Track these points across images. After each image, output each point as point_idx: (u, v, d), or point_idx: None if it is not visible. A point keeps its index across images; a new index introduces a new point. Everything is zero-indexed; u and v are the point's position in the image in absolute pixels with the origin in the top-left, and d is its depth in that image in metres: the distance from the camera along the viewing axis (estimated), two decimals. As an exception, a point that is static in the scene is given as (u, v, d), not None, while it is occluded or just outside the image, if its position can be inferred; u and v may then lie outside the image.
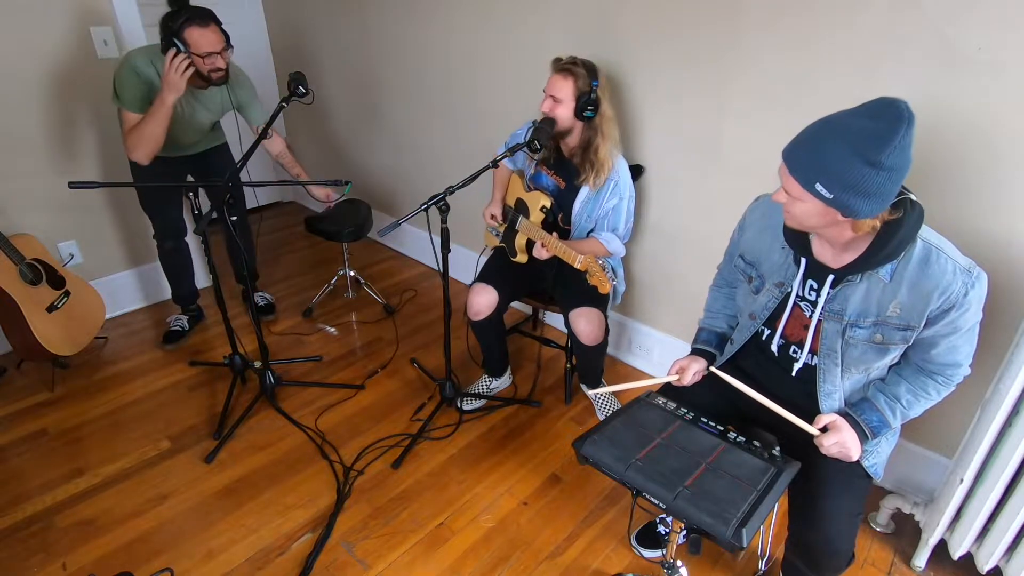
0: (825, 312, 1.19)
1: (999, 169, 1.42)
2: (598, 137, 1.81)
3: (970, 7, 1.34)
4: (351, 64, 3.10)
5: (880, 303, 1.13)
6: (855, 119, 0.97)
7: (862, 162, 0.94)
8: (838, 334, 1.19)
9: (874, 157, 0.93)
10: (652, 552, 1.67)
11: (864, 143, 0.94)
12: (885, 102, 0.96)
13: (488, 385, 2.26)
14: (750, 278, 1.34)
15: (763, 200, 1.34)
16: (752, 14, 1.67)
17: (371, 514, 1.76)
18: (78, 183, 1.76)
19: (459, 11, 2.44)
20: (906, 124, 0.93)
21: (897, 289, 1.10)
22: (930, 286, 1.07)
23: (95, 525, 1.71)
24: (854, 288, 1.15)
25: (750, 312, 1.34)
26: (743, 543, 1.00)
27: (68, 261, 2.48)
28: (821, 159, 0.98)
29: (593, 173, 1.84)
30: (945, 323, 1.10)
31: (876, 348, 1.17)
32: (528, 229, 1.94)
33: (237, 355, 2.17)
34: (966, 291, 1.06)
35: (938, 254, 1.08)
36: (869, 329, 1.15)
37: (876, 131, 0.93)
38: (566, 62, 1.77)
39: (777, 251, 1.26)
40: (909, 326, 1.12)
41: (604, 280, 1.70)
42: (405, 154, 3.08)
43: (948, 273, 1.06)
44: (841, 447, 1.16)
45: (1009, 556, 1.46)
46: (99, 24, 2.35)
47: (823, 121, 1.02)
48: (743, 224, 1.37)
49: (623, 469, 1.15)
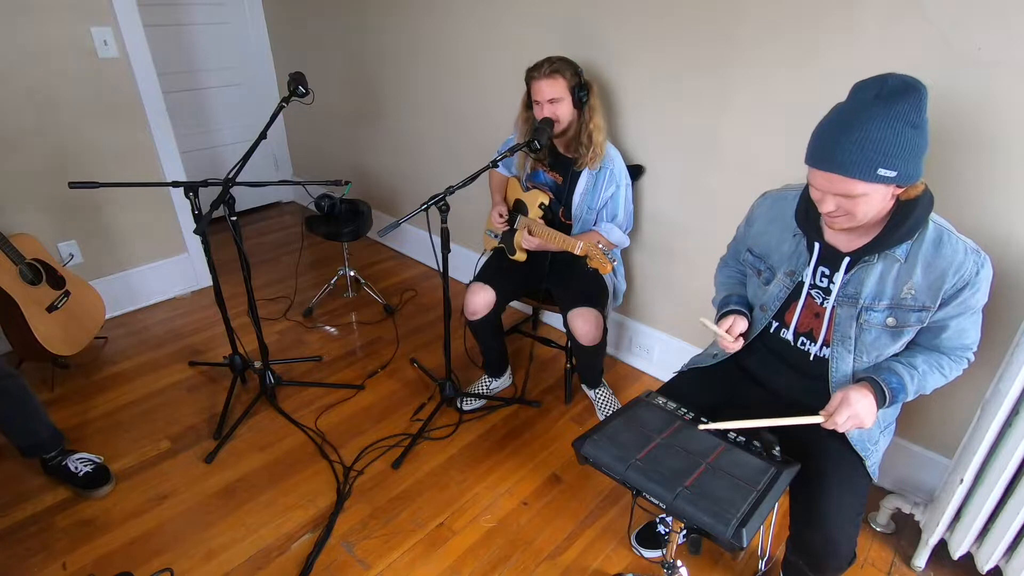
0: (839, 297, 1.20)
1: (999, 169, 1.42)
2: (591, 121, 1.85)
3: (970, 7, 1.34)
4: (351, 64, 3.10)
5: (895, 285, 1.15)
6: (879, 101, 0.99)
7: (908, 127, 0.98)
8: (852, 319, 1.20)
9: (916, 119, 0.98)
10: (652, 552, 1.67)
11: (904, 113, 0.98)
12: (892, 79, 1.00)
13: (488, 385, 2.26)
14: (759, 271, 1.34)
15: (770, 195, 1.35)
16: (752, 13, 1.67)
17: (371, 514, 1.76)
18: (78, 183, 1.77)
19: (459, 12, 2.44)
20: (923, 87, 1.00)
21: (912, 270, 1.13)
22: (944, 265, 1.11)
23: (95, 525, 1.71)
24: (869, 270, 1.16)
25: (761, 304, 1.34)
26: (743, 543, 1.00)
27: (68, 261, 2.49)
28: (875, 146, 0.98)
29: (590, 155, 1.87)
30: (957, 303, 1.13)
31: (890, 332, 1.19)
32: (528, 224, 1.95)
33: (237, 355, 2.17)
34: (977, 270, 1.10)
35: (949, 235, 1.12)
36: (883, 312, 1.17)
37: (907, 99, 0.98)
38: (548, 66, 1.80)
39: (788, 241, 1.27)
40: (924, 307, 1.14)
41: (604, 262, 1.70)
42: (405, 154, 3.08)
43: (961, 252, 1.10)
44: (855, 419, 1.14)
45: (1009, 556, 1.46)
46: (99, 24, 2.35)
47: (842, 116, 1.03)
48: (750, 218, 1.38)
49: (623, 469, 1.15)
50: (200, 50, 3.32)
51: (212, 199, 1.77)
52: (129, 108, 2.52)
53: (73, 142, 2.41)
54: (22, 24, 2.19)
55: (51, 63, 2.28)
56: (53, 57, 2.28)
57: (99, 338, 2.54)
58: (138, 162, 2.61)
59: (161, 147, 2.66)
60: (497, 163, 1.82)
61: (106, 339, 2.54)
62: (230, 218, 1.82)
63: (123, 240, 2.67)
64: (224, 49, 3.41)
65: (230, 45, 3.43)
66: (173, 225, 2.82)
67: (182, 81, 3.26)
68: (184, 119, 3.15)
